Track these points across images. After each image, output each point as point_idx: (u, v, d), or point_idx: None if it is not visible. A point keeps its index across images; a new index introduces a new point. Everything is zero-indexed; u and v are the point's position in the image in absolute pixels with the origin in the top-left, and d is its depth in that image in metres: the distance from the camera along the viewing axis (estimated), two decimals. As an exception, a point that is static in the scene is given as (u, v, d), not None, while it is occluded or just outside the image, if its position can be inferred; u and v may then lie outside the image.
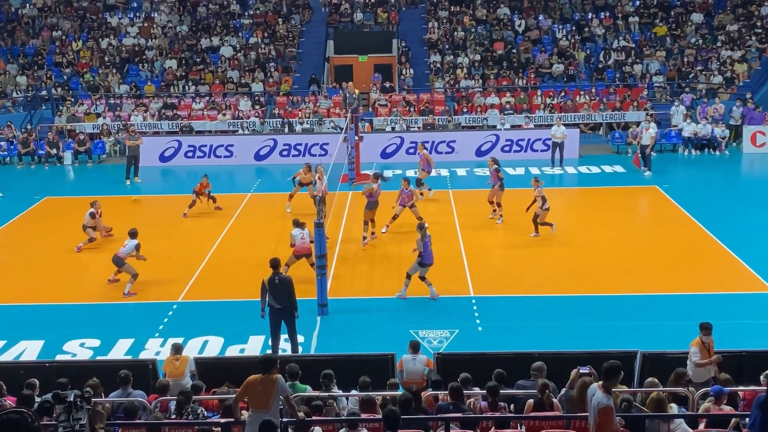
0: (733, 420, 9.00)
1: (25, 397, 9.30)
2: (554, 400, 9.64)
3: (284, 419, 8.83)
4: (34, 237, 20.94)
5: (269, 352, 13.38)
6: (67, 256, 19.31)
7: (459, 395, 9.59)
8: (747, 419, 8.00)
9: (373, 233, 19.42)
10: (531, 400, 9.64)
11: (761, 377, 10.16)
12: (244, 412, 9.22)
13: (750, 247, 18.50)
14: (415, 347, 11.81)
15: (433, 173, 23.85)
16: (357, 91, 27.14)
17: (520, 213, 20.41)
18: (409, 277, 16.11)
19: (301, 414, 9.05)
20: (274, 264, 13.87)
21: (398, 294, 16.21)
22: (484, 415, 9.57)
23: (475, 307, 15.74)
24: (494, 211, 20.89)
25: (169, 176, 28.10)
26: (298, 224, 16.76)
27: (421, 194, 22.28)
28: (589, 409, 8.06)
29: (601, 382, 8.06)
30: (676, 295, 16.11)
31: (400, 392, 10.03)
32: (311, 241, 16.07)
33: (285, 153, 29.10)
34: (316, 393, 10.35)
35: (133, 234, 17.09)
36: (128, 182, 26.28)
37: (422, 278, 16.13)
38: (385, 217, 20.05)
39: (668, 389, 9.92)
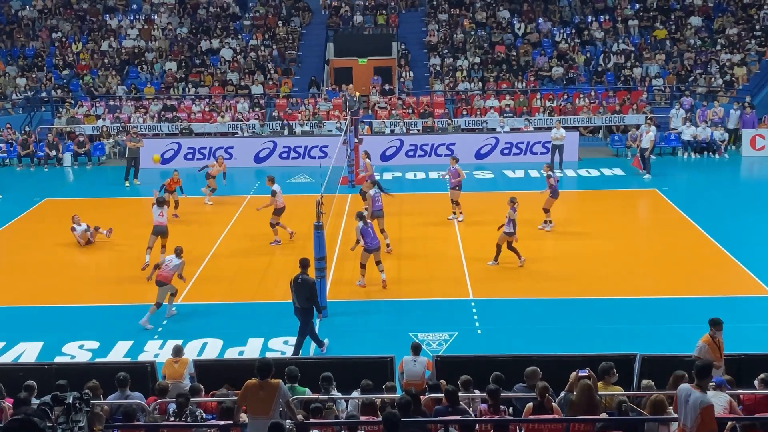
0: (729, 423, 8.99)
1: (21, 400, 9.29)
2: (554, 404, 9.63)
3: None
4: (33, 239, 20.94)
5: (267, 355, 13.39)
6: (67, 257, 19.30)
7: (455, 400, 9.58)
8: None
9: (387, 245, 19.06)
10: (530, 404, 9.63)
11: (756, 381, 10.15)
12: (243, 415, 9.23)
13: (749, 250, 18.51)
14: (416, 349, 11.81)
15: (433, 175, 23.85)
16: (357, 93, 27.16)
17: (521, 214, 20.39)
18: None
19: (299, 417, 9.04)
20: (303, 264, 14.08)
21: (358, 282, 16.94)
22: (482, 418, 9.56)
23: (474, 310, 15.74)
24: (545, 221, 20.25)
25: (165, 178, 28.05)
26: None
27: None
28: (685, 410, 8.08)
29: (695, 383, 8.15)
30: (675, 298, 16.11)
31: (399, 394, 10.02)
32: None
33: (285, 155, 29.11)
34: (315, 396, 10.34)
35: (178, 252, 15.82)
36: (127, 184, 26.31)
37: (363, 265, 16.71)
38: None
39: (667, 392, 9.90)
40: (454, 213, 21.48)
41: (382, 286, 16.84)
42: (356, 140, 25.48)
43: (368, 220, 17.00)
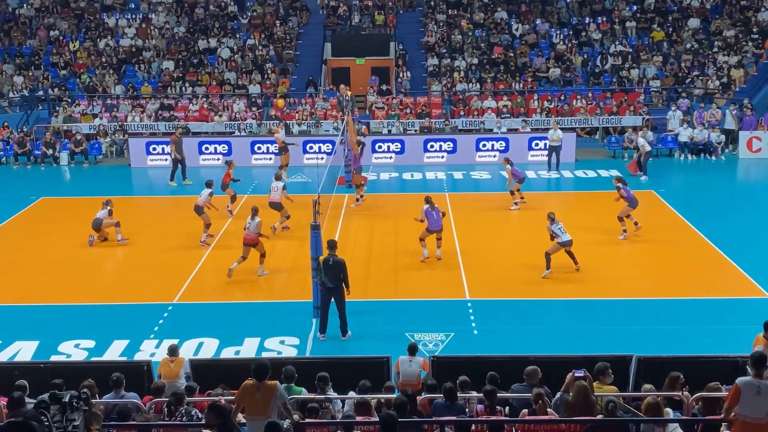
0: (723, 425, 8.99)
1: (15, 399, 9.27)
2: (548, 409, 9.63)
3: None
4: (29, 237, 20.91)
5: (264, 355, 13.38)
6: (63, 256, 19.27)
7: (453, 396, 9.58)
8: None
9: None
10: (525, 410, 9.63)
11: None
12: (239, 415, 9.21)
13: (746, 252, 18.53)
14: (412, 349, 11.83)
15: (430, 176, 23.86)
16: (349, 93, 27.11)
17: (519, 215, 20.44)
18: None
19: (296, 417, 9.03)
20: (331, 245, 14.60)
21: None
22: (478, 418, 9.56)
23: (470, 310, 15.74)
24: (625, 230, 19.95)
25: (165, 177, 28.04)
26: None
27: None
28: (755, 402, 8.11)
29: (753, 374, 8.25)
30: (671, 300, 16.13)
31: (396, 395, 10.02)
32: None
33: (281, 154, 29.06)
34: (312, 395, 10.33)
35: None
36: (173, 183, 26.13)
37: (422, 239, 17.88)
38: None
39: (664, 393, 9.92)
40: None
41: (437, 258, 18.26)
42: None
43: (434, 204, 18.34)
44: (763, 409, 8.13)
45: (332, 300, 14.43)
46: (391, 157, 28.94)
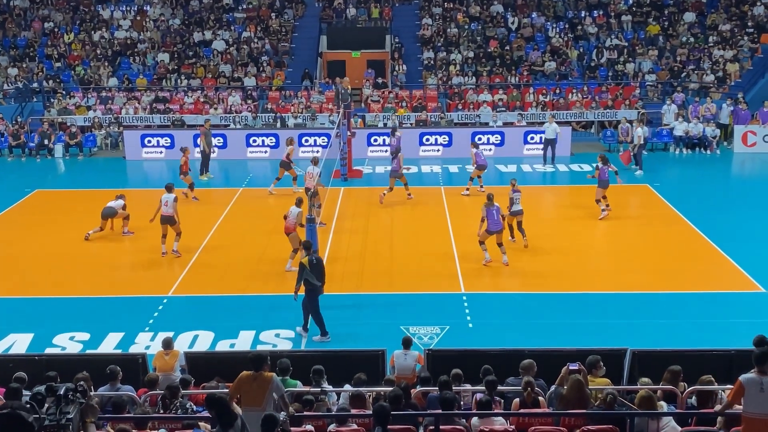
0: (719, 420, 9.02)
1: (13, 390, 9.27)
2: (540, 398, 9.66)
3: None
4: (24, 230, 20.86)
5: (259, 348, 13.38)
6: (58, 249, 19.23)
7: (448, 389, 9.60)
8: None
9: None
10: (517, 399, 9.66)
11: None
12: (236, 405, 9.22)
13: (740, 246, 18.57)
14: (407, 343, 11.86)
15: (426, 169, 23.88)
16: (350, 86, 27.10)
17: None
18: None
19: (291, 409, 9.04)
20: (307, 245, 14.47)
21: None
22: (472, 411, 9.59)
23: (465, 304, 15.76)
24: (606, 206, 20.83)
25: (160, 170, 28.02)
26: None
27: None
28: (762, 398, 8.15)
29: (755, 370, 8.27)
30: (665, 294, 16.17)
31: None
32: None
33: (276, 147, 29.04)
34: (307, 388, 10.34)
35: (298, 202, 17.42)
36: (203, 177, 25.90)
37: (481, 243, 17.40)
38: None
39: (662, 387, 9.94)
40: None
41: (504, 264, 17.55)
42: (349, 133, 25.44)
43: (494, 202, 17.52)
44: None
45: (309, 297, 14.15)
46: (386, 151, 28.89)
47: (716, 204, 22.59)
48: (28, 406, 6.30)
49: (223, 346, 14.12)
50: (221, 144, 28.86)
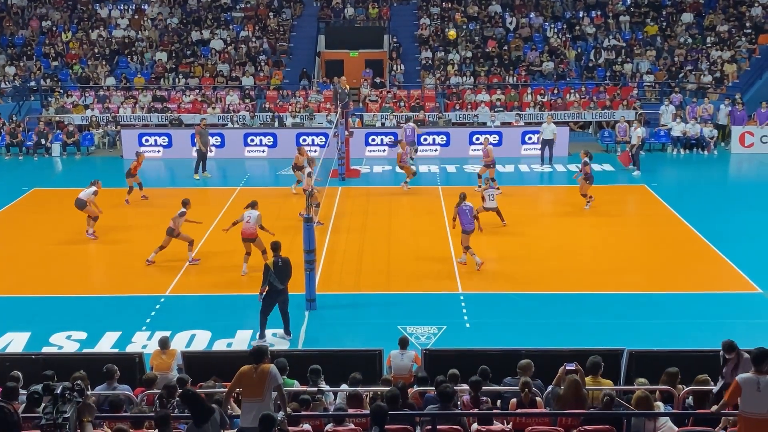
0: (723, 419, 9.04)
1: (9, 390, 9.26)
2: (537, 398, 9.67)
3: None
4: (21, 228, 20.84)
5: (256, 343, 13.35)
6: (55, 247, 19.21)
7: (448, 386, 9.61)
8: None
9: None
10: (514, 399, 9.67)
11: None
12: (233, 404, 9.23)
13: (737, 246, 18.59)
14: (403, 343, 11.86)
15: (423, 169, 23.87)
16: (348, 86, 27.11)
17: (512, 209, 20.48)
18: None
19: (289, 409, 9.05)
20: (275, 246, 14.23)
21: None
22: (469, 411, 9.59)
23: (463, 304, 15.76)
24: (588, 200, 21.30)
25: (158, 169, 28.02)
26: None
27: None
28: (759, 397, 8.20)
29: (753, 370, 8.32)
30: (662, 294, 16.17)
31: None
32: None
33: (274, 147, 29.05)
34: (304, 388, 10.34)
35: (253, 205, 17.27)
36: (197, 176, 25.89)
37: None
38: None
39: (660, 387, 9.96)
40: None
41: (462, 263, 17.68)
42: (347, 133, 25.44)
43: (466, 201, 17.62)
44: (765, 405, 8.16)
45: (276, 303, 14.00)
46: (384, 150, 28.91)
47: (713, 204, 22.61)
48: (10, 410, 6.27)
49: (220, 345, 14.10)
50: (219, 143, 28.83)
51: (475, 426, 9.08)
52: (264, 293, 13.98)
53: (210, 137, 26.86)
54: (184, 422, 9.35)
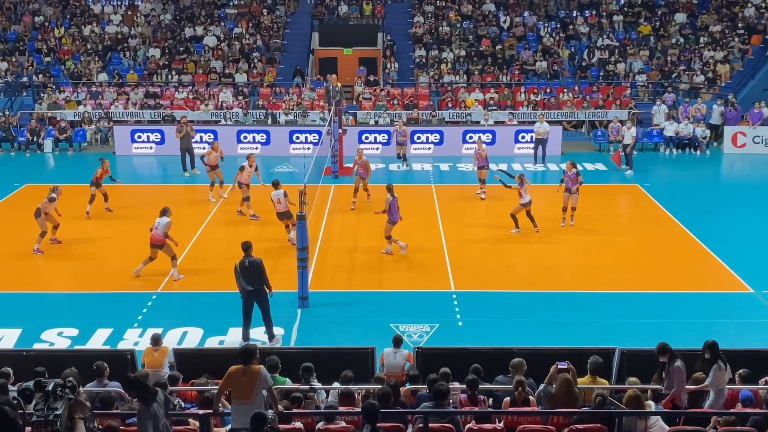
0: (713, 418, 9.07)
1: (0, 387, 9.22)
2: (530, 397, 9.68)
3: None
4: (12, 224, 20.76)
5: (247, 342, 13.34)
6: (46, 244, 19.12)
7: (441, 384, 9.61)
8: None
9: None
10: (507, 398, 9.68)
11: (735, 376, 10.26)
12: (225, 403, 9.21)
13: (728, 246, 18.66)
14: (397, 342, 11.86)
15: (417, 167, 23.85)
16: (339, 83, 27.08)
17: (504, 208, 20.49)
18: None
19: (280, 407, 9.04)
20: (245, 247, 14.02)
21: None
22: (462, 409, 9.60)
23: (455, 302, 15.77)
24: (564, 219, 20.28)
25: (150, 165, 27.95)
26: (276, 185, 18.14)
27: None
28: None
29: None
30: (654, 293, 16.22)
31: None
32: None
33: (267, 144, 29.00)
34: (296, 386, 10.33)
35: (164, 212, 16.80)
36: (186, 174, 25.77)
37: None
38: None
39: (651, 386, 9.98)
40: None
41: (387, 252, 18.24)
42: (340, 131, 25.42)
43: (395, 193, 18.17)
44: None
45: (254, 304, 13.88)
46: (377, 148, 28.89)
47: (705, 204, 22.67)
48: (15, 402, 6.26)
49: (212, 342, 14.10)
50: (212, 140, 28.71)
51: (468, 425, 9.08)
52: (240, 294, 13.93)
53: (203, 133, 26.77)
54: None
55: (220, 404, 9.11)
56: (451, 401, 9.95)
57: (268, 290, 13.86)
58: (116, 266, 17.80)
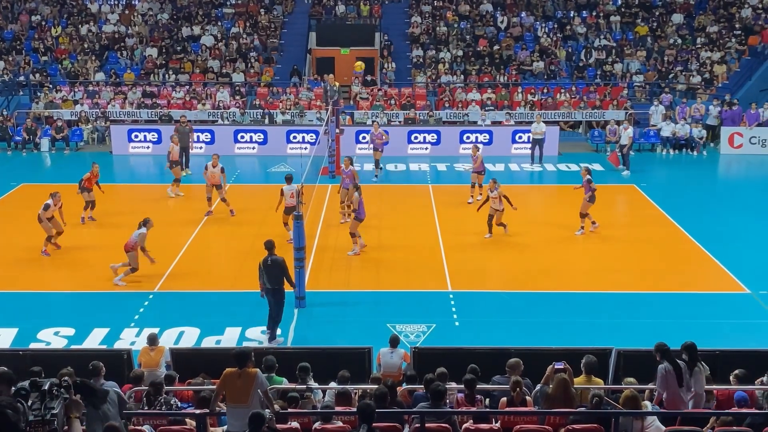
0: (711, 419, 9.07)
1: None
2: (527, 397, 9.68)
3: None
4: (9, 224, 20.75)
5: (245, 344, 13.36)
6: (43, 243, 19.09)
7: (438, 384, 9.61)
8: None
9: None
10: (504, 399, 9.67)
11: (731, 377, 10.26)
12: (221, 404, 9.19)
13: (725, 247, 18.67)
14: (394, 342, 11.86)
15: (414, 167, 23.85)
16: (337, 83, 27.07)
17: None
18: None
19: (276, 407, 9.03)
20: (269, 245, 14.22)
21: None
22: (459, 409, 9.60)
23: (452, 302, 15.78)
24: (582, 227, 19.77)
25: (147, 165, 27.92)
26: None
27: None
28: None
29: None
30: (651, 294, 16.24)
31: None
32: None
33: (264, 143, 28.97)
34: (292, 386, 10.32)
35: (144, 223, 16.75)
36: (183, 173, 25.68)
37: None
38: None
39: (647, 386, 9.98)
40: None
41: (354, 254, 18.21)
42: (337, 131, 25.41)
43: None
44: None
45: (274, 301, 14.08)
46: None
47: (702, 205, 22.70)
48: (17, 404, 6.24)
49: (208, 342, 14.09)
50: (209, 140, 28.76)
51: (465, 424, 9.07)
52: (262, 291, 14.17)
53: (201, 133, 26.70)
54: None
55: (217, 407, 9.09)
56: (447, 401, 9.96)
57: (292, 286, 14.35)
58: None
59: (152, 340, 11.86)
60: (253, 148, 28.91)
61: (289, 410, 9.42)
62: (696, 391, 9.51)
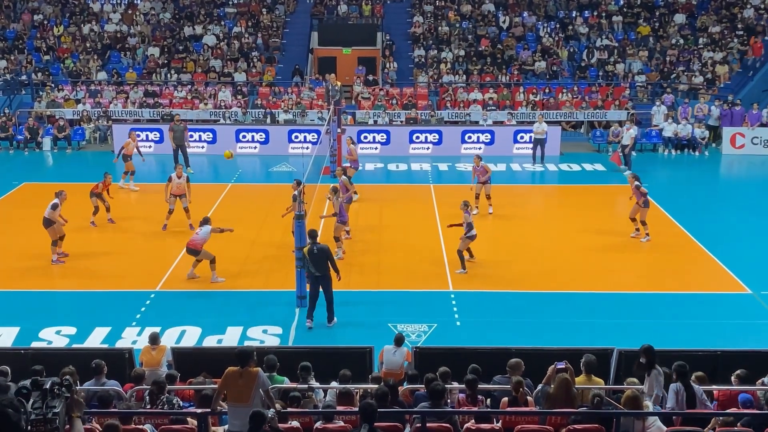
0: (713, 420, 9.07)
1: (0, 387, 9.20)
2: (529, 397, 9.68)
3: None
4: (11, 223, 20.77)
5: (246, 344, 13.37)
6: (45, 242, 19.09)
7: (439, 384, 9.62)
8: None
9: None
10: (506, 398, 9.67)
11: (732, 377, 10.26)
12: (222, 403, 9.20)
13: (726, 247, 18.66)
14: (398, 341, 11.87)
15: (416, 167, 23.84)
16: (339, 83, 27.08)
17: (503, 208, 20.50)
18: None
19: (277, 406, 9.03)
20: (312, 234, 14.62)
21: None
22: (460, 409, 9.60)
23: (453, 302, 15.78)
24: (637, 229, 19.40)
25: (149, 164, 27.90)
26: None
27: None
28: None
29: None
30: (653, 294, 16.23)
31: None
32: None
33: (266, 143, 28.98)
34: (294, 385, 10.33)
35: (205, 221, 17.01)
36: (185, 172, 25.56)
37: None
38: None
39: (643, 386, 9.97)
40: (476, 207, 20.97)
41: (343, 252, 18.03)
42: (339, 130, 25.42)
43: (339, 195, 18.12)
44: None
45: (320, 288, 14.54)
46: (376, 148, 28.92)
47: (704, 205, 22.69)
48: (17, 403, 6.24)
49: (210, 341, 14.08)
50: (210, 139, 28.78)
51: (466, 424, 9.07)
52: (308, 278, 14.70)
53: (203, 132, 26.71)
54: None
55: (218, 407, 9.09)
56: (449, 401, 9.96)
57: (337, 275, 14.60)
58: (115, 265, 17.80)
59: (154, 339, 11.86)
60: (255, 147, 28.93)
61: (291, 410, 9.43)
62: (656, 394, 9.50)
